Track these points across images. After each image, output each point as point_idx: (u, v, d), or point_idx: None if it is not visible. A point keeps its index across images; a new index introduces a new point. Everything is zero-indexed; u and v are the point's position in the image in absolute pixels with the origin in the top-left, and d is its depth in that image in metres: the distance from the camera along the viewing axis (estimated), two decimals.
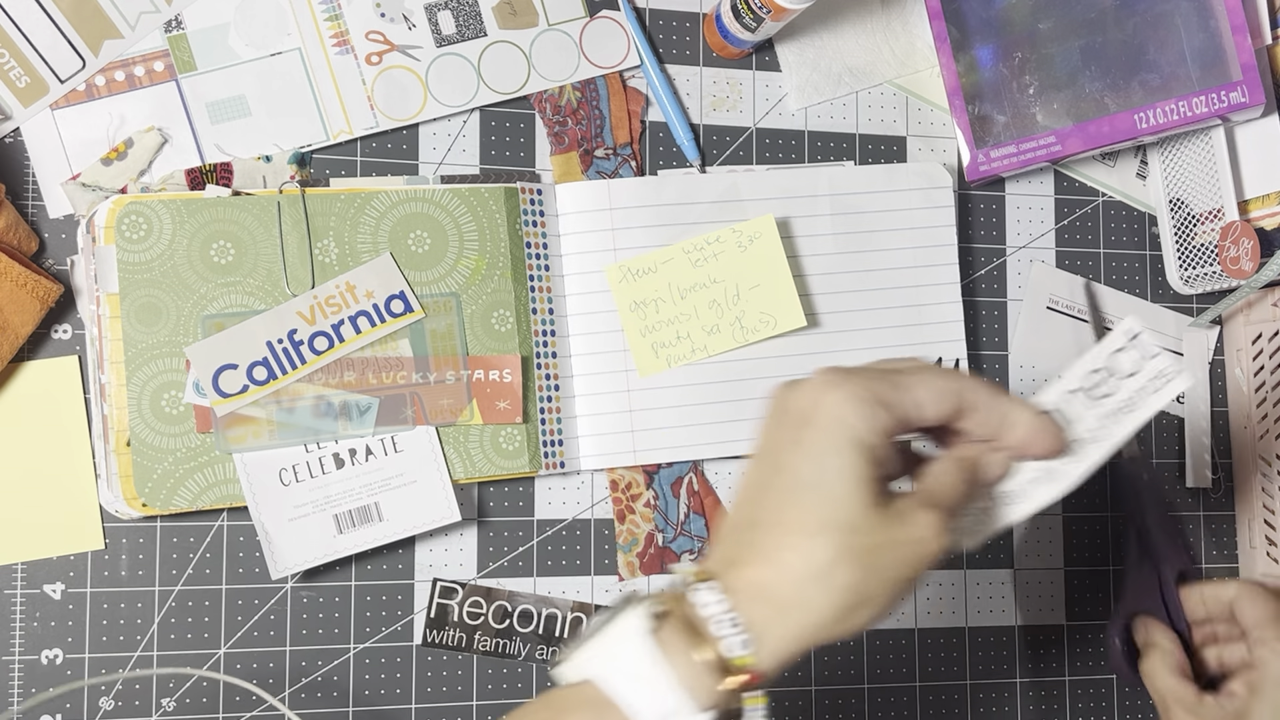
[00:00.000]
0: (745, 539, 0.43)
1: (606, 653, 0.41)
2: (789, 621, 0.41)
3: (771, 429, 0.45)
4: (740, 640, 0.40)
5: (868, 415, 0.43)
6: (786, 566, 0.41)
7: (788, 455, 0.43)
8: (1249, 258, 0.69)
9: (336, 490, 0.62)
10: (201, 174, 0.63)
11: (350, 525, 0.62)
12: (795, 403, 0.44)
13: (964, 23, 0.73)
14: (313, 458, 0.62)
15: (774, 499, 0.43)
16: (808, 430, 0.43)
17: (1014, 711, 0.72)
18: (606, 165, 0.69)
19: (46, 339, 0.62)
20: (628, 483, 0.68)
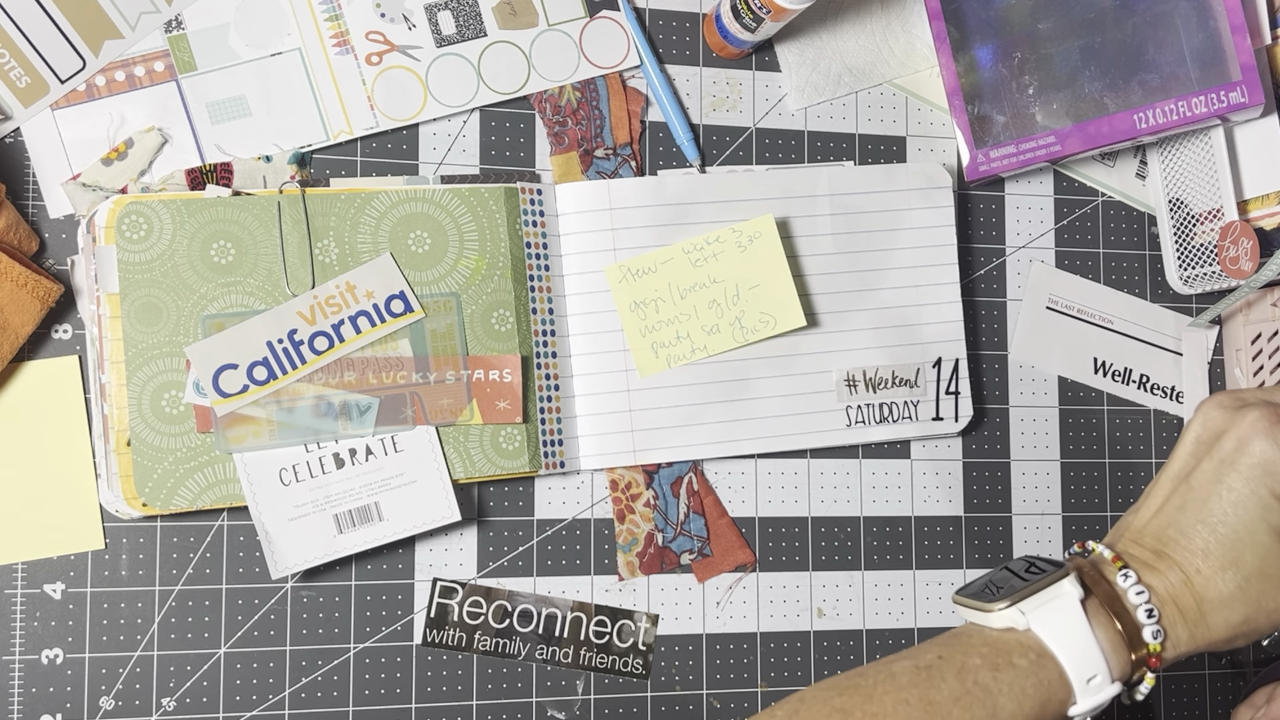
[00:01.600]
0: (1159, 546, 0.48)
1: (1044, 610, 0.46)
2: (1193, 633, 0.47)
3: (1192, 450, 0.50)
4: (1153, 630, 0.46)
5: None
6: (1196, 589, 0.47)
7: (1208, 487, 0.48)
8: (1248, 258, 0.69)
9: (336, 490, 0.62)
10: (201, 174, 0.63)
11: (350, 525, 0.62)
12: (1223, 438, 0.48)
13: (964, 23, 0.73)
14: (313, 458, 0.62)
15: (1190, 522, 0.48)
16: (1232, 473, 0.48)
17: None
18: (606, 165, 0.69)
19: (47, 339, 0.62)
20: (628, 482, 0.68)
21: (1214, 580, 0.47)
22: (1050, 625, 0.46)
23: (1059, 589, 0.47)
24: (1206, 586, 0.47)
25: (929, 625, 0.72)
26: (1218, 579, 0.47)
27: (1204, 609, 0.47)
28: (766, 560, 0.70)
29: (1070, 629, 0.46)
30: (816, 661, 0.70)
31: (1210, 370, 0.78)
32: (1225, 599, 0.47)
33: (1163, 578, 0.48)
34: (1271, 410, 0.48)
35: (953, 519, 0.73)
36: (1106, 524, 0.75)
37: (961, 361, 0.72)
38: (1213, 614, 0.47)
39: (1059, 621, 0.46)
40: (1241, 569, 0.47)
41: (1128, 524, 0.51)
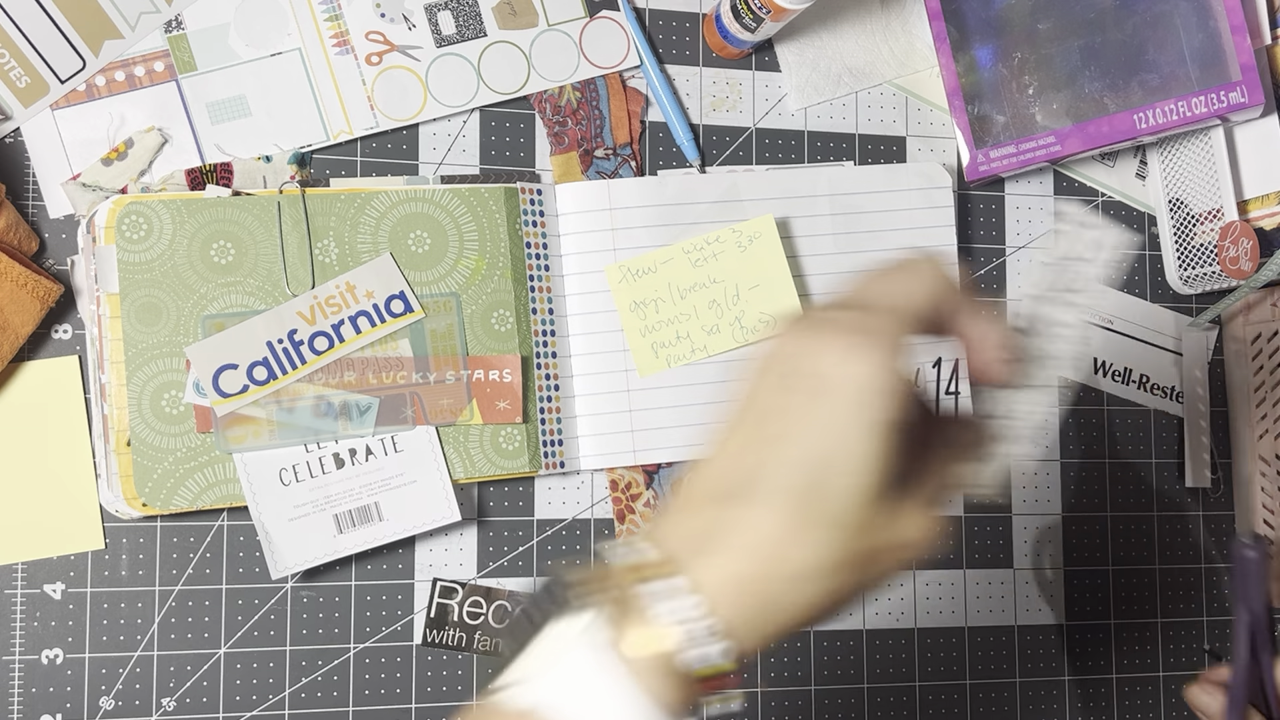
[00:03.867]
0: (723, 517, 0.36)
1: (552, 671, 0.34)
2: (772, 620, 0.36)
3: (773, 386, 0.38)
4: (720, 650, 0.35)
5: (901, 391, 0.37)
6: (780, 562, 0.35)
7: (797, 424, 0.36)
8: (1248, 258, 0.69)
9: (336, 490, 0.62)
10: (201, 174, 0.63)
11: (350, 525, 0.62)
12: (810, 363, 0.37)
13: (964, 23, 0.73)
14: (313, 458, 0.62)
15: (770, 472, 0.36)
16: (826, 402, 0.36)
17: (1013, 711, 0.72)
18: (606, 165, 0.69)
19: (46, 339, 0.62)
20: (628, 482, 0.68)
21: (813, 549, 0.36)
22: (562, 695, 0.33)
23: (569, 635, 0.34)
24: (801, 558, 0.35)
25: (929, 625, 0.72)
26: (815, 544, 0.35)
27: (791, 587, 0.36)
28: None
29: (589, 691, 0.33)
30: (816, 661, 0.70)
31: (1210, 370, 0.78)
32: (823, 569, 0.36)
33: (733, 565, 0.35)
34: (853, 323, 0.38)
35: (952, 519, 0.73)
36: (1107, 524, 0.75)
37: (961, 362, 0.72)
38: (802, 589, 0.36)
39: (572, 687, 0.33)
40: (847, 528, 0.36)
41: (683, 497, 0.39)
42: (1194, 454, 0.77)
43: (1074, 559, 0.74)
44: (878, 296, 0.40)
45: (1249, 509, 0.76)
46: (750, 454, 0.37)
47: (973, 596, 0.73)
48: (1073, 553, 0.74)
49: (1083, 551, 0.75)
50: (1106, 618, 0.74)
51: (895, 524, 0.38)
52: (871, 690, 0.70)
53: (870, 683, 0.71)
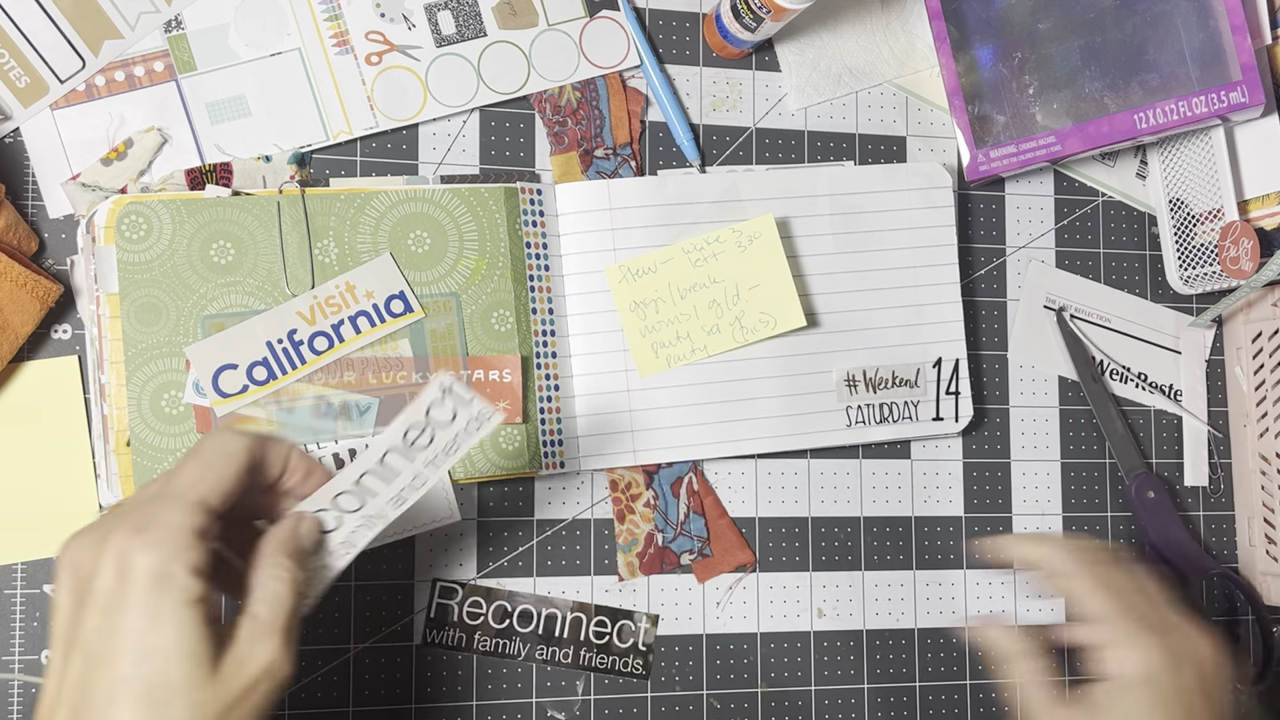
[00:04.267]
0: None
1: None
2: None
3: (74, 613, 0.41)
4: None
5: (192, 559, 0.41)
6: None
7: (103, 644, 0.39)
8: (1249, 257, 0.69)
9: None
10: (201, 174, 0.63)
11: None
12: (98, 577, 0.40)
13: (964, 23, 0.73)
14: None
15: (106, 698, 0.39)
16: (120, 612, 0.40)
17: (1014, 711, 0.72)
18: (606, 165, 0.69)
19: (46, 339, 0.62)
20: (628, 483, 0.68)
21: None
22: None
23: None
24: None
25: (929, 625, 0.72)
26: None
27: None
28: (766, 560, 0.70)
29: None
30: (817, 662, 0.70)
31: (1210, 370, 0.78)
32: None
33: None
34: (114, 516, 0.41)
35: (953, 519, 0.73)
36: (1106, 524, 0.75)
37: (961, 361, 0.72)
38: None
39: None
40: (189, 712, 0.40)
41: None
42: (1193, 453, 0.77)
43: None
44: (174, 485, 0.44)
45: (1249, 508, 0.76)
46: (78, 692, 0.40)
47: (972, 597, 0.73)
48: None
49: None
50: None
51: (241, 671, 0.42)
52: (871, 690, 0.70)
53: (870, 683, 0.71)
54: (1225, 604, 0.77)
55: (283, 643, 0.44)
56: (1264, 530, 0.75)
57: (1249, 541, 0.76)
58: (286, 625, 0.45)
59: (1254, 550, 0.76)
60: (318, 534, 0.50)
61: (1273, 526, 0.74)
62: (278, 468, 0.49)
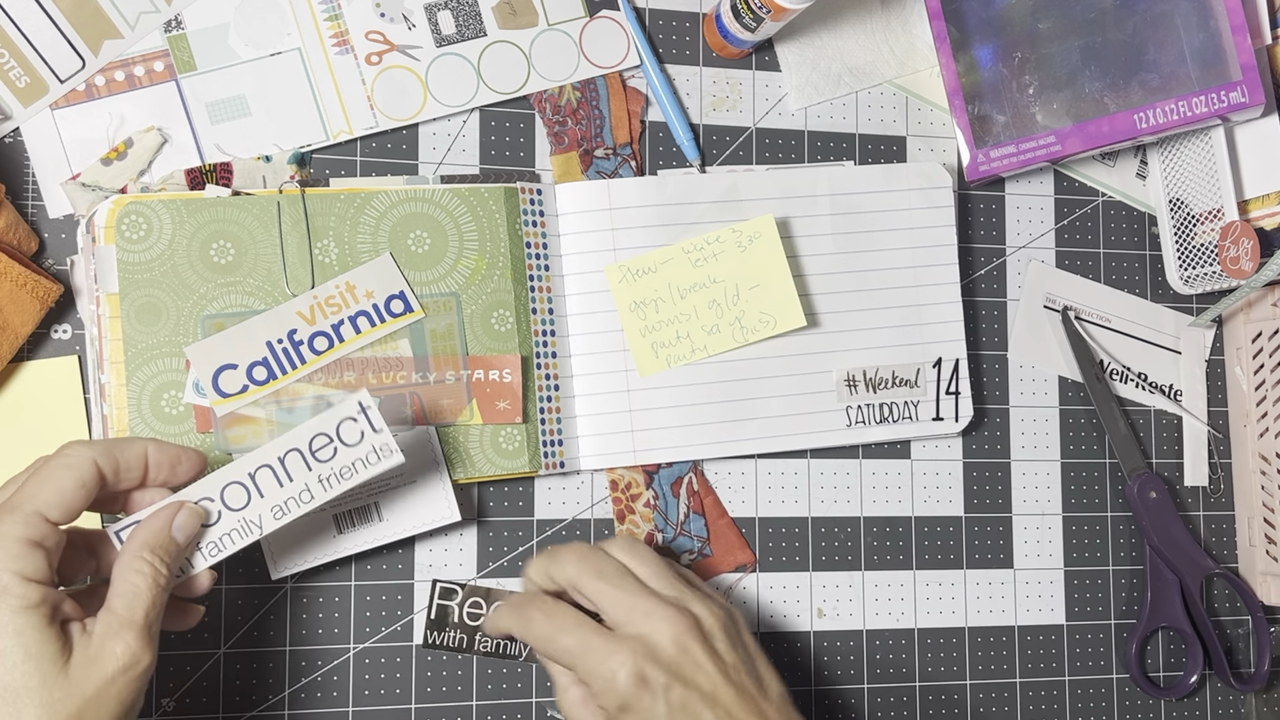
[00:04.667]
0: None
1: None
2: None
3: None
4: None
5: (26, 567, 0.45)
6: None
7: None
8: (1249, 258, 0.69)
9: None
10: (201, 174, 0.63)
11: (350, 525, 0.62)
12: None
13: (964, 23, 0.73)
14: None
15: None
16: None
17: (1014, 711, 0.72)
18: (606, 165, 0.69)
19: (46, 339, 0.62)
20: (627, 483, 0.68)
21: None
22: None
23: None
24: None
25: (929, 625, 0.72)
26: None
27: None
28: (766, 560, 0.70)
29: None
30: (817, 661, 0.70)
31: (1210, 369, 0.78)
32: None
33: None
34: None
35: (953, 519, 0.73)
36: (1106, 524, 0.75)
37: (961, 361, 0.72)
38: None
39: None
40: (41, 712, 0.44)
41: None
42: (1193, 453, 0.77)
43: (1074, 559, 0.74)
44: (13, 499, 0.47)
45: (1248, 508, 0.76)
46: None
47: (973, 596, 0.73)
48: (1073, 553, 0.74)
49: (1083, 551, 0.75)
50: (1107, 618, 0.74)
51: (95, 669, 0.45)
52: (872, 690, 0.70)
53: (870, 683, 0.71)
54: (1225, 604, 0.77)
55: (139, 636, 0.46)
56: (1264, 530, 0.75)
57: (1249, 541, 0.76)
58: (145, 619, 0.47)
59: (1254, 550, 0.76)
60: (198, 524, 0.51)
61: (1273, 526, 0.74)
62: (137, 468, 0.50)
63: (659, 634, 0.54)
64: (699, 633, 0.55)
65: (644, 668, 0.53)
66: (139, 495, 0.52)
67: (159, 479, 0.52)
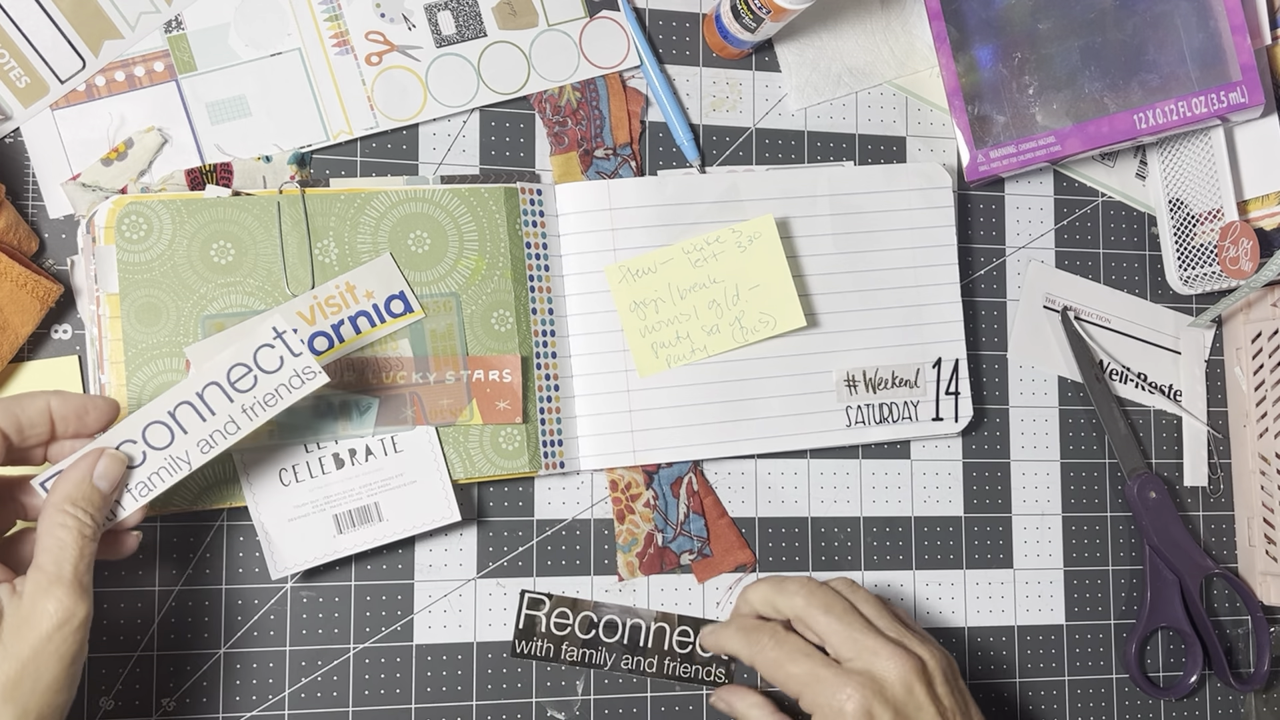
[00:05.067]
0: None
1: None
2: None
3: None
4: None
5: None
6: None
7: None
8: (1248, 258, 0.69)
9: (336, 490, 0.62)
10: (201, 174, 0.63)
11: (350, 525, 0.62)
12: None
13: (964, 23, 0.73)
14: (313, 458, 0.62)
15: None
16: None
17: (1014, 711, 0.72)
18: (606, 165, 0.69)
19: (46, 339, 0.62)
20: (627, 483, 0.68)
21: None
22: None
23: None
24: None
25: (929, 625, 0.72)
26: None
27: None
28: (766, 560, 0.70)
29: None
30: None
31: (1210, 370, 0.78)
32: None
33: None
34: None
35: (953, 519, 0.73)
36: (1106, 524, 0.75)
37: (961, 361, 0.72)
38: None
39: None
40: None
41: None
42: (1193, 453, 0.77)
43: (1074, 559, 0.74)
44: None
45: (1248, 508, 0.76)
46: None
47: (972, 596, 0.73)
48: (1072, 553, 0.74)
49: (1082, 551, 0.75)
50: (1107, 618, 0.74)
51: (30, 628, 0.45)
52: None
53: None
54: (1225, 604, 0.77)
55: (70, 590, 0.46)
56: (1264, 530, 0.75)
57: (1249, 541, 0.76)
58: (74, 573, 0.47)
59: (1254, 550, 0.76)
60: (122, 469, 0.51)
61: (1272, 526, 0.74)
62: (41, 424, 0.50)
63: (887, 673, 0.57)
64: (924, 675, 0.58)
65: (871, 704, 0.56)
66: (60, 445, 0.52)
67: (68, 431, 0.51)
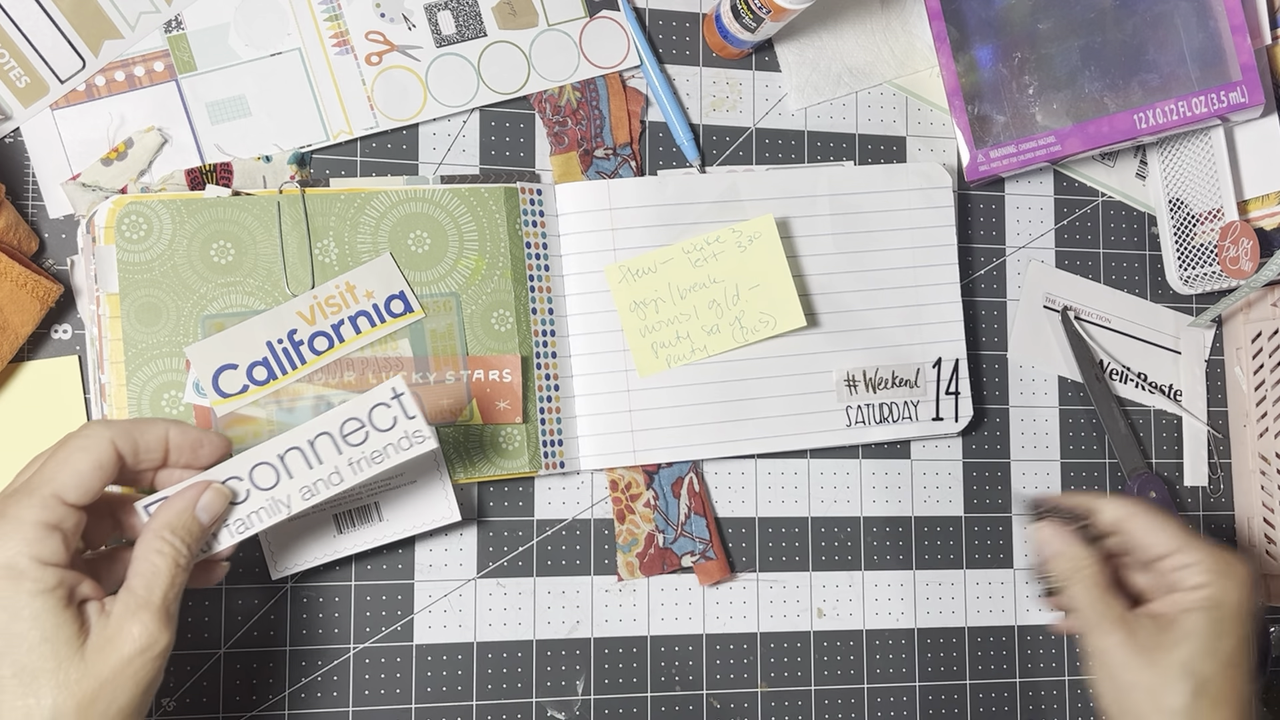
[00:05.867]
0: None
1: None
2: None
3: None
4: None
5: (43, 551, 0.45)
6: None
7: None
8: (1248, 258, 0.69)
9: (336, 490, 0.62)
10: (201, 174, 0.63)
11: (350, 525, 0.62)
12: None
13: (964, 23, 0.73)
14: None
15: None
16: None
17: (1014, 711, 0.72)
18: (606, 165, 0.69)
19: (46, 339, 0.62)
20: (628, 483, 0.68)
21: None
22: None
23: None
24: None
25: (929, 625, 0.72)
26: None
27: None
28: (766, 560, 0.70)
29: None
30: (816, 661, 0.70)
31: (1210, 369, 0.78)
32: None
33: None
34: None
35: (953, 519, 0.73)
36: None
37: (961, 361, 0.72)
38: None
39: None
40: (58, 691, 0.44)
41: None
42: (1193, 453, 0.77)
43: None
44: (31, 481, 0.47)
45: (1248, 508, 0.76)
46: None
47: (973, 596, 0.73)
48: None
49: None
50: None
51: (111, 652, 0.45)
52: (871, 690, 0.70)
53: (870, 683, 0.71)
54: None
55: (157, 617, 0.46)
56: (1264, 530, 0.75)
57: (1249, 541, 0.76)
58: (163, 600, 0.47)
59: (1253, 550, 0.76)
60: (225, 504, 0.51)
61: (1272, 526, 0.74)
62: (157, 450, 0.50)
63: (1245, 572, 0.58)
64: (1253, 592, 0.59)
65: (1240, 587, 0.57)
66: (170, 473, 0.52)
67: (180, 461, 0.51)
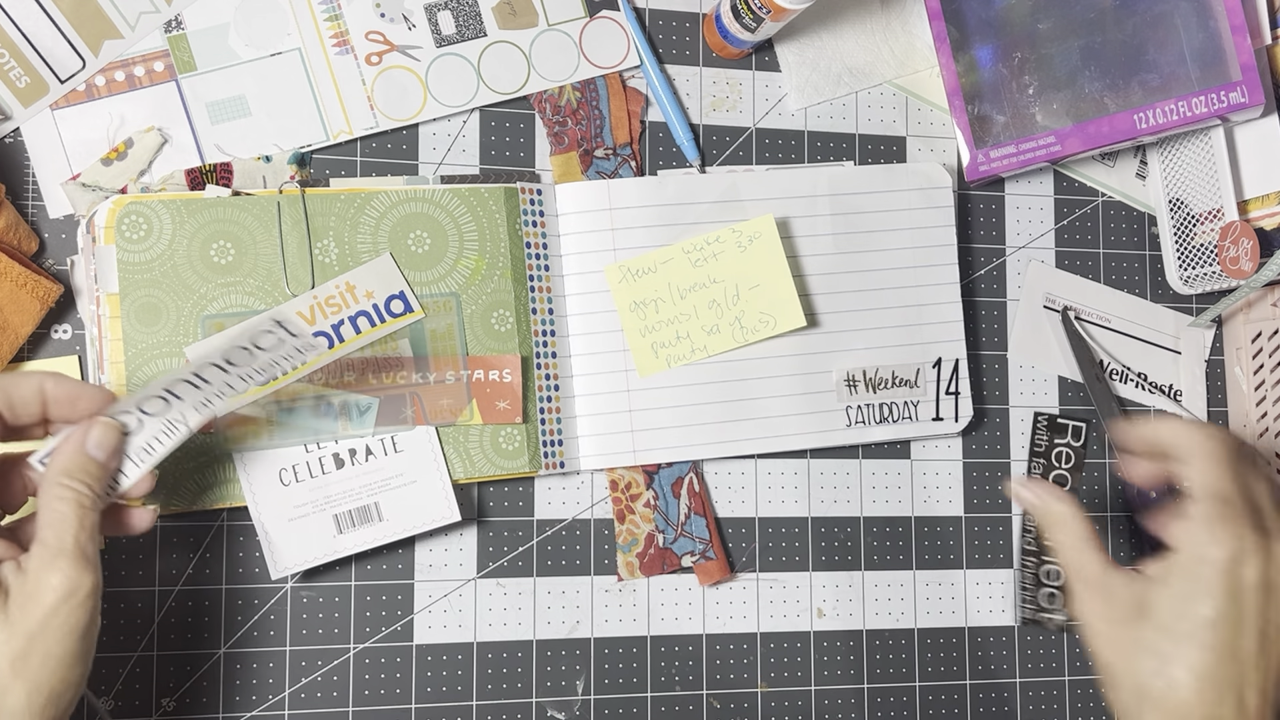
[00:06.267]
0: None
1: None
2: None
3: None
4: None
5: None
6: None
7: None
8: (1248, 258, 0.69)
9: (336, 490, 0.62)
10: (201, 174, 0.63)
11: (350, 525, 0.62)
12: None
13: (964, 23, 0.73)
14: (313, 458, 0.62)
15: None
16: None
17: (1014, 711, 0.72)
18: (606, 165, 0.69)
19: (46, 339, 0.62)
20: (628, 483, 0.68)
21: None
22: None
23: None
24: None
25: (929, 625, 0.72)
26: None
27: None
28: (766, 560, 0.70)
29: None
30: (816, 662, 0.70)
31: (1210, 370, 0.78)
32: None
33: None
34: None
35: (953, 519, 0.73)
36: (1107, 525, 0.75)
37: (961, 361, 0.72)
38: None
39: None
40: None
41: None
42: None
43: None
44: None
45: None
46: None
47: (972, 596, 0.73)
48: None
49: None
50: None
51: (34, 605, 0.45)
52: (871, 690, 0.70)
53: (870, 683, 0.71)
54: None
55: (74, 561, 0.46)
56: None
57: None
58: (75, 543, 0.47)
59: None
60: (116, 436, 0.51)
61: None
62: (34, 404, 0.50)
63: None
64: None
65: (1255, 561, 0.52)
66: (62, 426, 0.52)
67: (59, 415, 0.51)
